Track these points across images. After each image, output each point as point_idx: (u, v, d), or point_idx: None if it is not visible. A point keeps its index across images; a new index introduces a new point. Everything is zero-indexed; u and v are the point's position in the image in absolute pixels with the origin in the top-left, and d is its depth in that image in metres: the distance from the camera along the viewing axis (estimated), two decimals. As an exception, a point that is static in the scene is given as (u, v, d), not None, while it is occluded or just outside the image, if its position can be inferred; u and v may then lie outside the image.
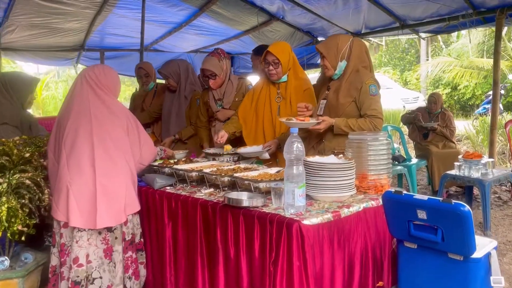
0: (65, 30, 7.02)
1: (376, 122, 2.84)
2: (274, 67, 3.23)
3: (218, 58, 3.70)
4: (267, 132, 3.36)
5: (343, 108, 2.91)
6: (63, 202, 2.56)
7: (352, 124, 2.83)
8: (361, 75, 2.89)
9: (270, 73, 3.26)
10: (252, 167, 2.87)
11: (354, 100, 2.89)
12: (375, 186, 2.50)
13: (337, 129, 2.86)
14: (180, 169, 2.85)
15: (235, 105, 3.78)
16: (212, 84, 3.77)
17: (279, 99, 3.34)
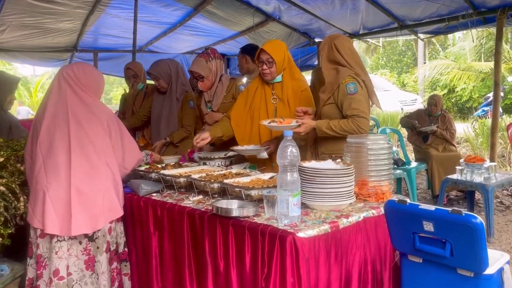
0: (57, 30, 6.84)
1: (360, 122, 2.65)
2: (268, 66, 3.03)
3: (206, 59, 3.50)
4: (263, 135, 3.15)
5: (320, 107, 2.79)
6: (40, 207, 2.37)
7: (334, 125, 2.67)
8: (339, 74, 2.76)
9: (263, 72, 3.06)
10: (244, 172, 2.67)
11: (334, 101, 2.76)
12: (376, 193, 2.30)
13: (319, 131, 2.71)
14: (167, 175, 2.64)
15: (223, 108, 3.59)
16: (200, 86, 3.59)
17: (275, 100, 3.13)
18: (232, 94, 3.60)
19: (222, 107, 3.59)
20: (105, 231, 2.45)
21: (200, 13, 6.28)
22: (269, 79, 3.09)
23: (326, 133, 2.67)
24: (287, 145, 1.95)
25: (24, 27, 6.53)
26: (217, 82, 3.58)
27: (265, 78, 3.09)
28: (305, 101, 3.03)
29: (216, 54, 3.55)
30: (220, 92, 3.59)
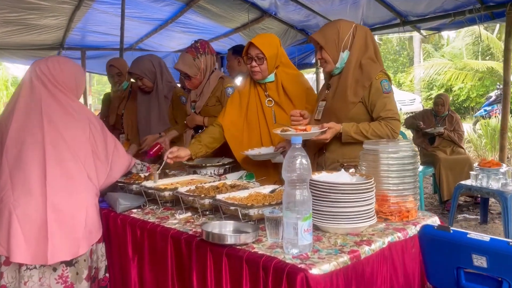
0: (42, 27, 6.39)
1: (394, 126, 2.22)
2: (258, 63, 2.56)
3: (194, 56, 3.02)
4: (266, 144, 2.68)
5: (347, 111, 2.28)
6: (4, 230, 1.94)
7: (365, 129, 2.21)
8: (369, 69, 2.26)
9: (252, 70, 2.60)
10: (241, 184, 2.24)
11: (362, 101, 2.27)
12: (399, 211, 1.88)
13: (345, 137, 2.23)
14: (149, 187, 2.21)
15: (206, 111, 3.14)
16: (188, 84, 3.15)
17: (270, 102, 2.69)
18: (217, 97, 3.13)
19: (204, 111, 3.15)
20: (87, 254, 2.03)
21: (192, 9, 5.86)
22: (259, 79, 2.64)
23: (354, 139, 2.22)
24: (295, 155, 1.52)
25: (6, 24, 6.08)
26: (206, 80, 3.13)
27: (255, 77, 2.64)
28: (310, 101, 2.59)
29: (206, 49, 3.09)
30: (206, 93, 3.14)
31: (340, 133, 2.23)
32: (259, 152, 2.56)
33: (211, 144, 2.70)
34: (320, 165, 2.38)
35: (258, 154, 2.53)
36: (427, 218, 1.92)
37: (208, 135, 2.71)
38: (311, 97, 2.61)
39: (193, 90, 3.18)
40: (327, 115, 2.33)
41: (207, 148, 2.67)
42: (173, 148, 2.55)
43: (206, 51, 3.08)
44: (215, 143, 2.72)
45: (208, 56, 3.09)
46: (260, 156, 2.53)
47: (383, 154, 1.91)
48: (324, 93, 2.42)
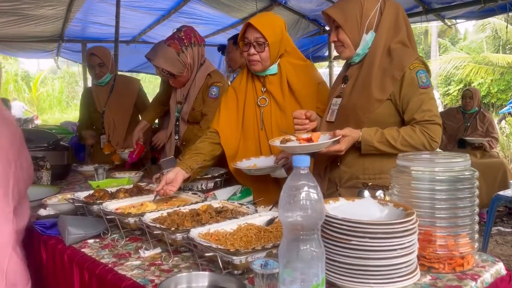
0: (38, 17, 5.88)
1: (433, 133, 1.62)
2: (258, 50, 1.96)
3: (178, 49, 2.41)
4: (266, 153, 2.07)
5: (370, 110, 1.67)
6: None
7: (392, 137, 1.61)
8: (400, 57, 1.65)
9: (250, 59, 1.99)
10: (231, 208, 1.65)
11: (391, 98, 1.66)
12: (450, 258, 1.28)
13: (366, 147, 1.63)
14: (108, 212, 1.63)
15: (193, 118, 2.56)
16: (172, 83, 2.57)
17: (263, 101, 2.07)
18: (203, 99, 2.52)
19: (192, 117, 2.55)
20: None
21: (196, -3, 5.30)
22: (258, 70, 2.04)
23: (377, 150, 1.62)
24: (299, 186, 0.93)
25: (1, 14, 5.59)
26: (193, 77, 2.52)
27: (253, 68, 2.04)
28: (322, 99, 1.99)
29: (193, 38, 2.48)
30: (192, 95, 2.53)
31: (359, 142, 1.63)
32: (255, 163, 1.96)
33: (211, 152, 2.05)
34: (333, 181, 1.78)
35: (252, 167, 1.93)
36: (489, 267, 1.32)
37: (203, 144, 2.06)
38: (324, 95, 2.00)
39: (178, 88, 2.61)
40: (344, 117, 1.73)
41: (203, 155, 2.01)
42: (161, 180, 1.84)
43: (193, 41, 2.48)
44: (215, 150, 2.08)
45: (195, 48, 2.49)
46: (256, 170, 1.93)
47: (427, 174, 1.30)
48: (339, 87, 1.81)
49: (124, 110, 3.27)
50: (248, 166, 1.93)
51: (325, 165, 1.79)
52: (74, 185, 2.63)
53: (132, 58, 7.28)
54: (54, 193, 2.25)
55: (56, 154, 2.69)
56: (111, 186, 2.32)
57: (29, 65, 16.24)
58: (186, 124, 2.61)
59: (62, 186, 2.59)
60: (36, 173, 2.50)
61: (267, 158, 1.98)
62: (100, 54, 3.19)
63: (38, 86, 14.67)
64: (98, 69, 3.20)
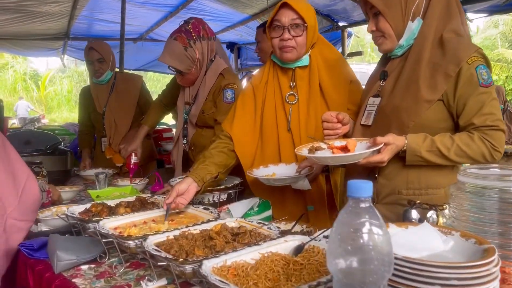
0: (43, 14, 5.65)
1: (496, 141, 1.32)
2: (294, 33, 1.67)
3: (185, 44, 2.14)
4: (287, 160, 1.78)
5: (417, 113, 1.38)
6: None
7: (445, 146, 1.32)
8: (455, 48, 1.36)
9: (284, 46, 1.69)
10: (249, 229, 1.37)
11: (443, 98, 1.37)
12: (532, 301, 1.00)
13: (412, 157, 1.34)
14: (104, 233, 1.36)
15: (201, 121, 2.30)
16: (180, 81, 2.30)
17: (292, 98, 1.79)
18: (214, 101, 2.25)
19: (200, 121, 2.29)
20: None
21: (205, -7, 5.03)
22: (291, 59, 1.74)
23: (426, 161, 1.34)
24: (358, 224, 0.65)
25: (4, 11, 5.37)
26: (203, 74, 2.25)
27: (285, 56, 1.73)
28: (354, 100, 1.70)
29: (202, 31, 2.20)
30: (202, 95, 2.26)
31: (403, 151, 1.35)
32: (274, 172, 1.68)
33: (225, 162, 1.78)
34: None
35: (271, 177, 1.63)
36: None
37: (217, 151, 1.79)
38: (356, 95, 1.70)
39: (186, 87, 2.34)
40: (383, 120, 1.45)
41: (217, 166, 1.74)
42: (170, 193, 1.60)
43: (202, 34, 2.19)
44: (230, 159, 1.80)
45: (205, 42, 2.20)
46: (275, 180, 1.64)
47: (498, 194, 1.02)
48: (377, 85, 1.52)
49: (126, 110, 2.99)
50: (265, 174, 1.65)
51: (360, 177, 1.50)
52: (73, 193, 2.37)
53: (139, 56, 7.05)
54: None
55: (54, 158, 2.44)
56: (113, 195, 2.07)
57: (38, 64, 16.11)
58: (195, 127, 2.34)
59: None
60: (31, 180, 2.25)
61: (288, 166, 1.70)
62: (100, 49, 2.89)
63: (46, 85, 14.51)
64: (98, 65, 2.91)
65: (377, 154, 1.30)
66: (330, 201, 1.79)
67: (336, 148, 1.32)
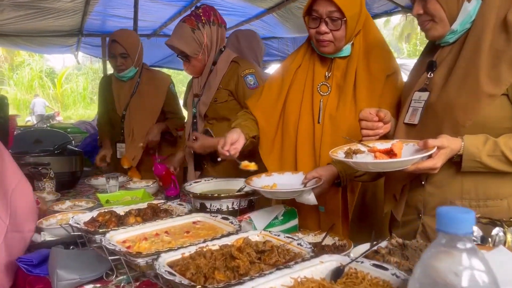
0: (57, 10, 5.54)
1: None
2: (331, 27, 1.47)
3: (193, 26, 2.01)
4: (302, 152, 1.61)
5: (476, 110, 1.16)
6: None
7: (510, 149, 1.10)
8: None
9: (319, 39, 1.50)
10: (278, 243, 1.18)
11: (508, 92, 1.14)
12: None
13: (470, 163, 1.13)
14: (111, 248, 1.18)
15: (213, 111, 2.13)
16: (186, 69, 2.15)
17: (325, 89, 1.59)
18: (230, 90, 2.09)
19: (212, 111, 2.13)
20: None
21: (219, -14, 4.84)
22: (329, 52, 1.55)
23: (486, 167, 1.13)
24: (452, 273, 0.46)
25: (17, 7, 5.25)
26: (210, 64, 2.11)
27: (322, 50, 1.54)
28: (390, 96, 1.49)
29: (212, 17, 2.07)
30: (213, 84, 2.11)
31: (459, 156, 1.13)
32: (275, 182, 1.45)
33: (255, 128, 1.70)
34: (414, 206, 1.29)
35: (271, 189, 1.41)
36: None
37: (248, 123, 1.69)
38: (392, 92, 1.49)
39: (194, 78, 2.17)
40: (433, 118, 1.23)
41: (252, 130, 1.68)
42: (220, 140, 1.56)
43: (212, 20, 2.06)
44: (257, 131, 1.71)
45: (214, 27, 2.07)
46: (275, 192, 1.42)
47: None
48: (423, 78, 1.31)
49: (148, 117, 2.67)
50: (265, 185, 1.45)
51: (402, 183, 1.30)
52: (82, 196, 2.21)
53: (153, 52, 6.88)
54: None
55: (63, 159, 2.27)
56: (123, 200, 1.89)
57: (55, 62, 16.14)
58: (204, 121, 2.17)
59: (68, 197, 2.17)
60: (37, 182, 2.09)
61: (293, 175, 1.49)
62: (123, 42, 2.56)
63: (62, 82, 14.51)
64: (120, 60, 2.59)
65: (428, 159, 1.09)
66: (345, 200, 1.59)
67: (380, 152, 1.12)
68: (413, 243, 1.18)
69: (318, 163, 1.54)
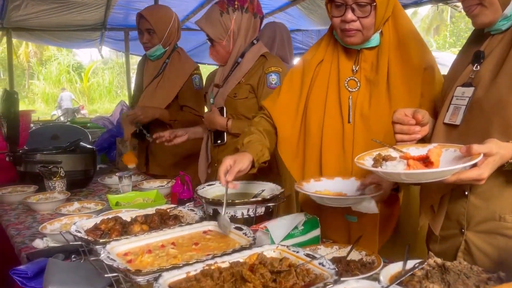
0: (80, 4, 5.52)
1: None
2: (359, 13, 1.29)
3: (223, 9, 1.89)
4: (329, 156, 1.43)
5: None
6: None
7: None
8: None
9: (345, 28, 1.32)
10: (297, 261, 1.03)
11: None
12: None
13: None
14: (110, 264, 1.05)
15: (230, 106, 1.97)
16: (210, 54, 2.01)
17: (353, 85, 1.42)
18: (252, 84, 1.95)
19: (228, 105, 1.98)
20: None
21: (242, -23, 4.65)
22: (356, 43, 1.36)
23: None
24: None
25: (42, 1, 5.25)
26: (237, 55, 1.96)
27: (349, 41, 1.36)
28: (427, 93, 1.31)
29: (247, 4, 1.92)
30: (238, 75, 1.96)
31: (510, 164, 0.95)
32: (326, 188, 1.30)
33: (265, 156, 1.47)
34: (456, 220, 1.11)
35: (325, 195, 1.25)
36: None
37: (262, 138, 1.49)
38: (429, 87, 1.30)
39: (220, 66, 2.03)
40: (478, 118, 1.05)
41: (269, 150, 1.49)
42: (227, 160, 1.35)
43: (246, 7, 1.91)
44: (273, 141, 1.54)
45: (246, 15, 1.91)
46: (331, 199, 1.25)
47: None
48: (468, 70, 1.11)
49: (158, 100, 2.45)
50: (317, 191, 1.29)
51: (442, 193, 1.11)
52: (94, 196, 2.10)
53: (177, 46, 6.80)
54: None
55: (75, 157, 2.17)
56: (134, 202, 1.77)
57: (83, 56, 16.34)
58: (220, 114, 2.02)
59: (79, 197, 2.07)
60: (47, 182, 2.00)
61: (345, 181, 1.32)
62: (150, 16, 2.33)
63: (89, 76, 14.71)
64: (147, 37, 2.37)
65: (472, 168, 0.91)
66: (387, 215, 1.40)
67: (414, 159, 0.94)
68: (455, 265, 1.01)
69: (351, 168, 1.37)
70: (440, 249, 1.15)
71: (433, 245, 1.18)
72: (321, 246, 1.30)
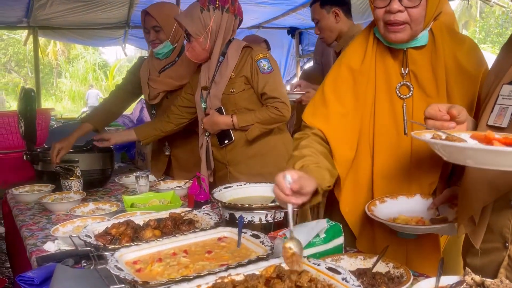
0: (104, 3, 5.55)
1: None
2: (407, 3, 1.13)
3: (204, 6, 1.90)
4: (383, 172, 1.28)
5: None
6: None
7: None
8: None
9: (391, 21, 1.15)
10: (318, 276, 0.94)
11: None
12: None
13: None
14: (118, 273, 0.98)
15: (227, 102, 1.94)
16: (186, 50, 1.99)
17: (405, 91, 1.25)
18: (245, 76, 1.94)
19: (229, 103, 1.96)
20: None
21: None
22: (402, 40, 1.19)
23: None
24: None
25: (66, 0, 5.29)
26: (218, 52, 1.97)
27: (393, 38, 1.19)
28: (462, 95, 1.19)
29: (228, 4, 1.92)
30: (226, 72, 1.95)
31: None
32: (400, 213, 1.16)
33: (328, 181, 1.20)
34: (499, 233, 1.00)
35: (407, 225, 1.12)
36: None
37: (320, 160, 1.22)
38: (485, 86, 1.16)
39: (203, 66, 2.04)
40: None
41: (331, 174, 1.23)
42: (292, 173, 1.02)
43: (227, 7, 1.92)
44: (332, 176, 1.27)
45: (226, 15, 1.93)
46: (415, 228, 1.12)
47: None
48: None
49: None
50: (390, 218, 1.15)
51: (484, 202, 1.00)
52: (110, 196, 2.05)
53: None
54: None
55: (92, 156, 2.13)
56: (150, 204, 1.71)
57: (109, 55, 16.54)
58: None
59: (96, 197, 2.02)
60: (63, 181, 1.96)
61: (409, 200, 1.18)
62: (156, 13, 2.20)
63: (114, 74, 14.89)
64: (153, 35, 2.23)
65: None
66: None
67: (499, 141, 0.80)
68: (496, 284, 0.89)
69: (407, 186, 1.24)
70: (480, 264, 1.03)
71: (471, 259, 1.07)
72: (345, 256, 1.20)
